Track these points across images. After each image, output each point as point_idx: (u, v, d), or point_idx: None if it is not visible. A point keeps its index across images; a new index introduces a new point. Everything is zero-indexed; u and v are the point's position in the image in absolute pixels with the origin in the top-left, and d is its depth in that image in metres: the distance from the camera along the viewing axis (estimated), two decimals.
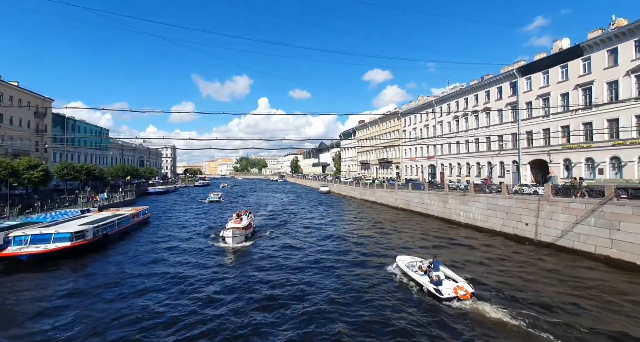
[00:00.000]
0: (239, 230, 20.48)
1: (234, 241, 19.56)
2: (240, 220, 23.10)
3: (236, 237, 19.79)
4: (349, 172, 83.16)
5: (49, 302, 12.17)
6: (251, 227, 23.01)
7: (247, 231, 21.51)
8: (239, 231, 20.36)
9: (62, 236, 18.20)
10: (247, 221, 23.02)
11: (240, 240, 20.30)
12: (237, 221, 22.77)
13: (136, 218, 28.40)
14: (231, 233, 19.62)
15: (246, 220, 23.16)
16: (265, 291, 12.82)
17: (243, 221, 22.79)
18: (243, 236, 20.75)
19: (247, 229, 21.74)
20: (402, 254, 15.99)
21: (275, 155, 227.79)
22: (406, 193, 35.60)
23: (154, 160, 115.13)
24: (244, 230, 21.05)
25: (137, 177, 73.28)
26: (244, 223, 22.10)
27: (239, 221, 22.51)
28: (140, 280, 14.37)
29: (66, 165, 47.24)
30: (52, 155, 54.03)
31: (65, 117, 59.77)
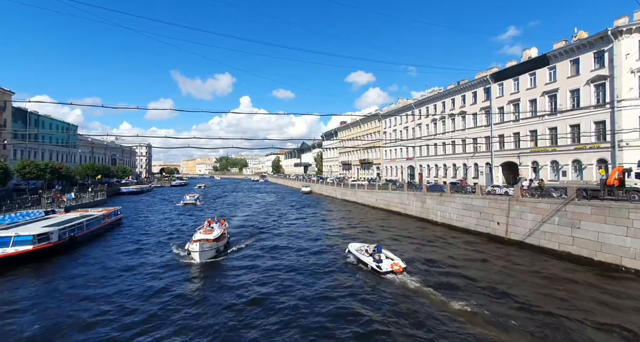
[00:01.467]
0: (208, 242, 17.08)
1: (201, 256, 16.28)
2: (212, 229, 19.46)
3: (205, 251, 16.49)
4: (331, 173, 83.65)
5: (3, 310, 11.28)
6: (224, 239, 19.23)
7: (218, 244, 17.88)
8: (208, 244, 16.90)
9: (23, 239, 16.95)
10: (219, 230, 19.23)
11: (210, 255, 16.97)
12: (208, 231, 19.01)
13: (107, 219, 27.01)
14: (198, 247, 16.19)
15: (218, 230, 19.41)
16: (231, 323, 10.22)
17: (214, 231, 19.05)
18: (213, 249, 17.25)
19: (218, 240, 18.10)
20: (353, 242, 19.27)
21: (256, 155, 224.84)
22: (386, 193, 36.32)
23: (128, 159, 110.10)
24: (214, 242, 17.48)
25: (109, 176, 69.78)
26: (215, 234, 18.30)
27: (210, 232, 18.78)
28: (94, 294, 12.78)
29: (28, 163, 44.11)
30: (12, 152, 50.43)
31: (27, 112, 55.83)
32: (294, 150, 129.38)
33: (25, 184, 45.92)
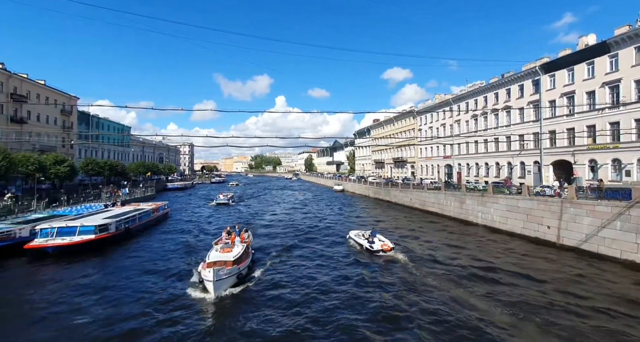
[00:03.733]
0: (226, 266, 12.87)
1: (217, 287, 11.89)
2: (231, 246, 15.35)
3: (222, 280, 12.07)
4: (363, 171, 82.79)
5: (69, 293, 12.78)
6: (247, 257, 15.15)
7: (240, 266, 13.61)
8: (226, 269, 12.56)
9: (87, 229, 19.03)
10: (240, 248, 14.96)
11: (229, 283, 12.66)
12: (226, 248, 15.01)
13: (156, 213, 29.42)
14: (213, 275, 11.71)
15: (239, 247, 15.14)
16: None
17: (235, 247, 15.05)
18: (233, 275, 12.91)
19: (240, 261, 13.91)
20: (352, 230, 22.47)
21: (289, 154, 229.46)
22: (421, 193, 35.21)
23: (173, 157, 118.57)
24: (234, 266, 13.21)
25: (157, 173, 75.80)
26: (235, 252, 14.36)
27: (229, 249, 14.83)
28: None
29: (91, 161, 49.56)
30: (77, 152, 56.71)
31: (89, 115, 62.52)
32: (327, 148, 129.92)
33: (88, 180, 51.60)
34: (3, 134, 37.74)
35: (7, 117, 40.71)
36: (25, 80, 44.97)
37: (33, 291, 13.08)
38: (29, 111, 45.00)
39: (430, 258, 17.21)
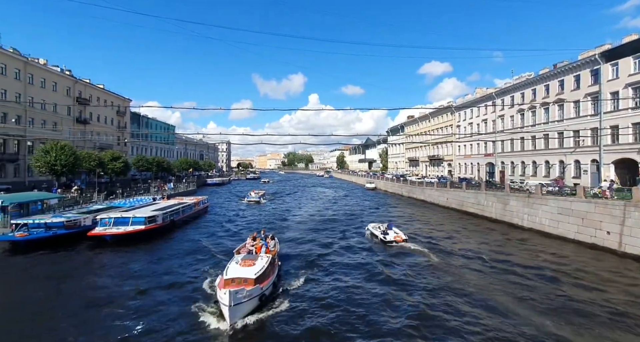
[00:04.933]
0: (247, 287, 10.57)
1: (234, 314, 9.81)
2: (255, 257, 13.01)
3: (240, 303, 9.96)
4: (396, 169, 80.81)
5: (123, 276, 14.36)
6: (272, 273, 12.58)
7: (262, 286, 11.17)
8: (247, 290, 10.23)
9: (138, 220, 20.89)
10: (264, 261, 12.49)
11: (249, 308, 10.51)
12: (248, 260, 12.50)
13: (197, 207, 31.36)
14: (229, 298, 9.49)
15: (263, 260, 12.63)
16: None
17: (258, 261, 12.46)
18: (254, 298, 10.66)
19: (262, 280, 11.47)
20: (371, 223, 23.97)
21: (321, 151, 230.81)
22: (459, 193, 33.54)
23: (212, 154, 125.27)
24: (255, 285, 10.86)
25: (198, 169, 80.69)
26: (258, 267, 11.91)
27: (251, 261, 12.33)
28: None
29: (141, 158, 54.14)
30: (130, 149, 62.16)
31: (140, 115, 68.17)
32: (359, 146, 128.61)
33: (139, 175, 56.42)
34: (70, 133, 42.61)
35: (73, 118, 45.86)
36: (88, 85, 50.23)
37: (93, 274, 14.91)
38: (91, 113, 50.23)
39: (470, 260, 16.48)
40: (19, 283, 13.87)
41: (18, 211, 20.80)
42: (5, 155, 34.86)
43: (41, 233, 18.81)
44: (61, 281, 14.02)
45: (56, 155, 29.89)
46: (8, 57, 36.19)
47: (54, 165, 29.91)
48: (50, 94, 41.74)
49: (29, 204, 22.05)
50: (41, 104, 38.55)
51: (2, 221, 19.80)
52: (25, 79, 38.20)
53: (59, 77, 44.19)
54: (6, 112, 35.31)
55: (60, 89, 44.00)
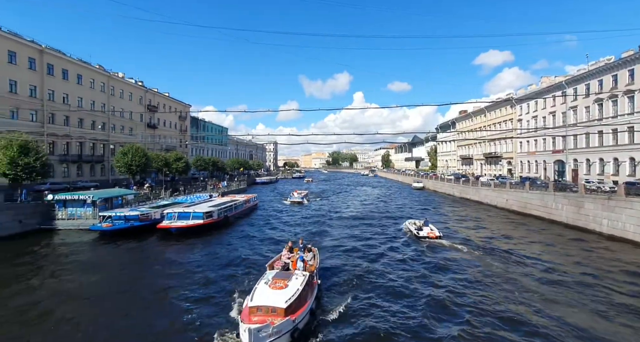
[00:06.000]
0: (275, 318, 8.52)
1: None
2: (289, 276, 10.53)
3: None
4: (447, 168, 76.19)
5: (186, 264, 15.98)
6: (309, 297, 10.13)
7: (294, 318, 8.76)
8: (274, 327, 7.98)
9: (197, 215, 22.94)
10: (299, 282, 10.07)
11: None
12: (280, 282, 10.00)
13: (248, 204, 33.30)
14: (250, 338, 7.41)
15: (298, 280, 10.22)
16: None
17: (292, 281, 10.12)
18: (284, 335, 8.31)
19: (295, 310, 9.02)
20: (409, 219, 25.16)
21: (366, 150, 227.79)
22: (522, 193, 30.43)
23: (260, 154, 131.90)
24: (286, 318, 8.55)
25: (248, 168, 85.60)
26: (290, 292, 9.41)
27: (282, 285, 9.85)
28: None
29: (199, 158, 59.29)
30: (190, 150, 68.48)
31: (198, 119, 74.64)
32: (405, 144, 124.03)
33: (197, 173, 61.88)
34: (142, 137, 48.50)
35: (144, 123, 52.09)
36: (156, 93, 56.63)
37: (161, 261, 16.88)
38: (159, 118, 56.51)
39: (535, 269, 14.91)
40: (108, 265, 16.36)
41: (104, 205, 24.38)
42: (95, 157, 41.04)
43: (122, 224, 21.80)
44: (137, 265, 16.20)
45: (132, 157, 34.33)
46: (96, 73, 42.51)
47: (130, 166, 34.38)
48: (127, 103, 47.97)
49: (113, 199, 25.67)
50: (120, 111, 44.51)
51: (92, 213, 23.41)
52: (108, 91, 44.46)
53: (134, 88, 50.54)
54: (95, 120, 41.53)
55: (134, 99, 50.33)
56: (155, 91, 56.64)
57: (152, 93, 55.32)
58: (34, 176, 23.08)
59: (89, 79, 41.17)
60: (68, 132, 37.01)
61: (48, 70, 35.06)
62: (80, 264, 16.26)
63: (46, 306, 11.22)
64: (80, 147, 39.19)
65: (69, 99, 37.65)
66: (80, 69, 39.79)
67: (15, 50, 31.47)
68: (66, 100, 37.23)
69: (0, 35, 30.25)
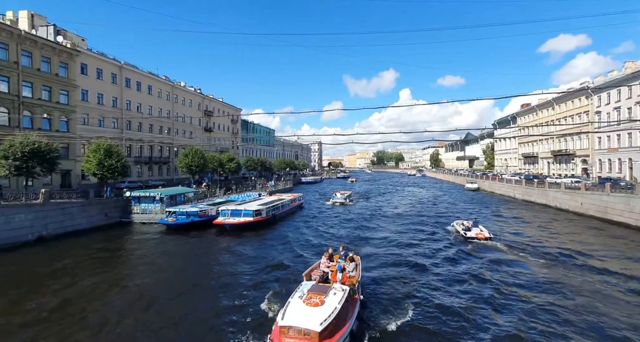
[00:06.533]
0: None
1: None
2: (326, 290, 9.32)
3: None
4: (506, 167, 69.50)
5: (239, 258, 17.17)
6: (348, 318, 8.78)
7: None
8: None
9: (248, 212, 24.31)
10: (337, 299, 8.83)
11: None
12: (315, 297, 8.87)
13: (294, 203, 34.23)
14: None
15: (337, 295, 9.04)
16: None
17: (329, 297, 8.91)
18: None
19: (332, 333, 7.93)
20: (457, 220, 24.13)
21: (413, 149, 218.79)
22: (601, 196, 26.46)
23: (306, 155, 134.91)
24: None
25: (293, 168, 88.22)
26: (327, 312, 8.25)
27: (319, 301, 8.71)
28: None
29: (249, 159, 62.79)
30: (241, 151, 72.91)
31: (248, 122, 79.10)
32: (457, 142, 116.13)
33: (247, 173, 65.67)
34: (201, 140, 53.08)
35: (202, 127, 56.93)
36: (212, 99, 61.48)
37: (217, 254, 18.34)
38: (214, 122, 61.28)
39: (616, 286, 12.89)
40: (173, 254, 18.36)
41: (170, 202, 27.26)
42: (162, 158, 46.07)
43: (184, 219, 24.18)
44: (196, 257, 17.92)
45: (192, 158, 37.81)
46: (163, 84, 47.69)
47: (191, 166, 37.90)
48: (187, 109, 52.92)
49: (176, 197, 28.58)
50: (182, 117, 49.28)
51: (160, 209, 26.35)
52: (173, 99, 49.53)
53: (193, 95, 55.55)
54: (162, 126, 46.62)
55: (194, 105, 55.31)
56: (211, 97, 61.51)
57: (208, 99, 60.21)
58: (116, 175, 26.74)
59: (157, 89, 46.34)
60: (141, 137, 42.13)
61: (126, 83, 40.34)
62: (151, 252, 18.55)
63: (123, 284, 13.74)
64: (151, 149, 44.31)
65: (142, 107, 42.84)
66: (151, 81, 45.00)
67: (101, 67, 36.84)
68: (139, 108, 42.42)
69: (92, 55, 35.65)
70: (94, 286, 13.30)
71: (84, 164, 26.85)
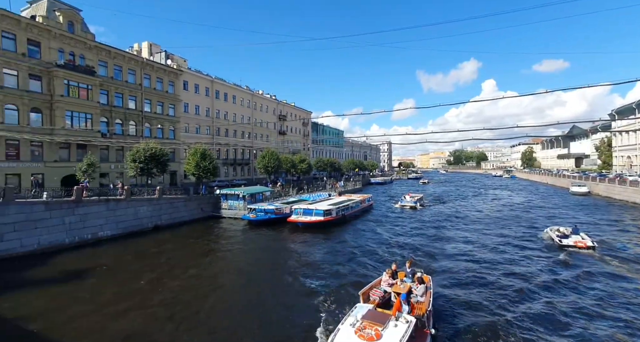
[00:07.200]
0: None
1: None
2: (382, 323, 7.49)
3: None
4: (630, 166, 55.64)
5: (313, 255, 18.03)
6: None
7: None
8: None
9: (319, 212, 25.16)
10: (398, 334, 7.17)
11: None
12: (371, 328, 7.37)
13: (363, 204, 33.99)
14: None
15: (399, 329, 7.36)
16: None
17: (385, 334, 7.21)
18: None
19: None
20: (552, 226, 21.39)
21: (499, 147, 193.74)
22: None
23: (375, 155, 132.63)
24: None
25: (362, 169, 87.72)
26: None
27: (377, 332, 7.22)
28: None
29: (319, 160, 65.02)
30: (311, 153, 75.98)
31: (317, 124, 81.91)
32: (558, 137, 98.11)
33: (318, 174, 68.10)
34: (276, 142, 57.41)
35: (276, 131, 61.44)
36: (285, 104, 65.80)
37: (291, 250, 19.61)
38: (287, 126, 65.46)
39: None
40: (254, 247, 20.53)
41: (251, 199, 30.29)
42: (243, 160, 51.45)
43: (262, 216, 26.57)
44: (272, 252, 19.58)
45: (268, 160, 41.25)
46: (245, 93, 53.20)
47: (267, 167, 41.40)
48: (264, 114, 57.82)
49: (256, 195, 31.58)
50: (260, 122, 54.10)
51: (243, 206, 29.51)
52: (252, 106, 54.79)
53: (269, 101, 60.41)
54: (243, 131, 52.07)
55: (270, 111, 60.11)
56: (285, 102, 65.84)
57: (282, 104, 64.62)
58: (209, 175, 31.05)
59: (240, 98, 51.94)
60: (227, 141, 47.85)
61: (216, 95, 46.39)
62: (236, 243, 21.09)
63: (215, 264, 16.89)
64: (235, 152, 49.95)
65: (228, 115, 48.63)
66: (235, 91, 50.71)
67: (198, 83, 43.21)
68: (226, 116, 48.23)
69: (191, 73, 42.11)
70: (196, 264, 16.64)
71: (185, 165, 32.00)
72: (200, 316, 10.89)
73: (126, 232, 22.31)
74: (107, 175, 29.98)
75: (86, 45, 28.95)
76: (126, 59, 32.93)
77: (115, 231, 21.71)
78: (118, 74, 32.22)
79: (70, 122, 26.88)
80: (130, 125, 32.91)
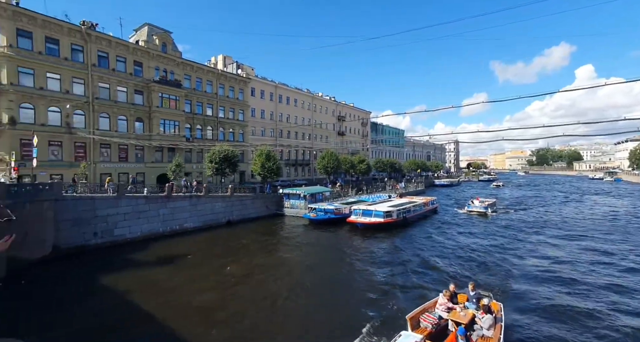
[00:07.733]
0: None
1: None
2: None
3: None
4: None
5: (374, 256, 17.98)
6: None
7: None
8: None
9: (378, 213, 24.79)
10: None
11: None
12: None
13: (426, 207, 32.20)
14: None
15: None
16: None
17: None
18: None
19: None
20: None
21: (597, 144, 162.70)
22: None
23: (439, 155, 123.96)
24: None
25: (425, 170, 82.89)
26: None
27: None
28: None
29: (379, 160, 63.66)
30: (370, 153, 74.82)
31: (377, 124, 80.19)
32: None
33: (377, 174, 66.79)
34: (335, 143, 58.19)
35: (335, 132, 62.18)
36: (344, 105, 66.14)
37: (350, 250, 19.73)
38: (346, 126, 65.74)
39: None
40: (314, 245, 21.32)
41: (311, 199, 31.37)
42: (304, 161, 53.46)
43: (322, 216, 27.28)
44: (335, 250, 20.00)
45: (327, 160, 42.10)
46: (305, 96, 55.21)
47: (327, 167, 42.29)
48: (324, 116, 59.09)
49: (316, 195, 32.56)
50: (320, 124, 55.49)
51: (304, 205, 30.73)
52: (312, 108, 56.50)
53: (329, 103, 61.48)
54: (304, 132, 54.09)
55: (329, 112, 61.16)
56: (344, 103, 66.18)
57: (341, 105, 65.10)
58: (273, 175, 33.17)
59: (301, 101, 54.09)
60: (289, 143, 50.33)
61: (279, 99, 49.21)
62: (298, 241, 22.16)
63: (280, 259, 18.20)
64: (296, 153, 52.24)
65: (290, 118, 51.11)
66: (296, 95, 53.02)
67: (263, 89, 46.46)
68: (288, 119, 50.77)
69: (258, 80, 45.51)
70: (268, 256, 18.51)
71: (252, 166, 34.76)
72: (276, 303, 12.15)
73: (205, 225, 25.32)
74: (190, 174, 34.44)
75: (175, 62, 33.73)
76: (205, 71, 37.33)
77: (197, 224, 24.84)
78: (199, 85, 36.72)
79: (163, 128, 31.65)
80: (208, 130, 37.18)
